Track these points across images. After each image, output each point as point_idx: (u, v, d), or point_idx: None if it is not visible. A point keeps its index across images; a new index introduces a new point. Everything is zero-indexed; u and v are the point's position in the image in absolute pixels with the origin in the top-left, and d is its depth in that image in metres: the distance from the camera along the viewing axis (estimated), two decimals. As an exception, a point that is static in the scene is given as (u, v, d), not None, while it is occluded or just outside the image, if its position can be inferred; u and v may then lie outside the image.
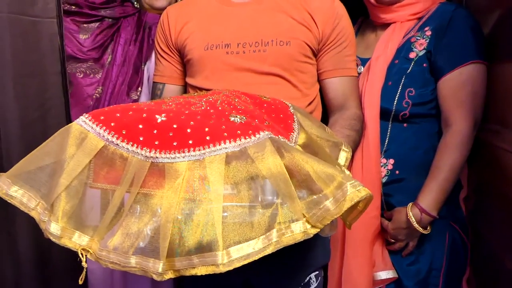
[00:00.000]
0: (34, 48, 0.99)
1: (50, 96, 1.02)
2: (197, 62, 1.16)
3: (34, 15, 0.97)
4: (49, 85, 1.02)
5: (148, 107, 0.74)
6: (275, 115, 0.91)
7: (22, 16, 0.95)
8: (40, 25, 0.99)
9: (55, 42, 1.01)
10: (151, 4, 1.68)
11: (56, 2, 1.00)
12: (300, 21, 1.13)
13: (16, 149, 0.98)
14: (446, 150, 1.13)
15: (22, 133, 0.99)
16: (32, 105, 1.00)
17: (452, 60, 1.14)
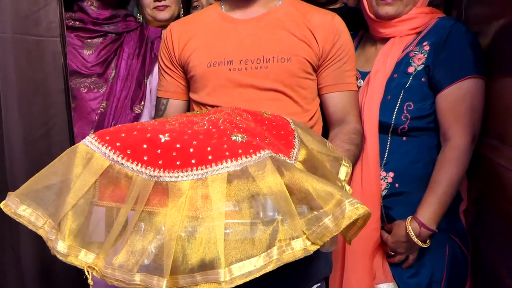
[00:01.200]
0: (38, 66, 1.01)
1: (53, 114, 1.04)
2: (200, 79, 1.18)
3: (38, 35, 1.00)
4: (53, 103, 1.03)
5: (152, 127, 0.76)
6: (276, 131, 0.93)
7: (26, 36, 0.97)
8: (44, 44, 1.01)
9: (58, 60, 1.03)
10: (154, 17, 1.72)
11: (59, 21, 1.02)
12: (301, 38, 1.15)
13: (21, 166, 1.00)
14: (445, 164, 1.14)
15: (27, 150, 1.01)
16: (36, 122, 1.02)
17: (450, 75, 1.16)
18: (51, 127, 1.04)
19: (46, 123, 1.03)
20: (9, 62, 0.96)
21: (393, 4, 1.21)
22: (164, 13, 1.70)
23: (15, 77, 0.98)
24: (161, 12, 1.69)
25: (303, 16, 1.18)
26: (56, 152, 1.05)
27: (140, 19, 1.78)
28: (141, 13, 1.77)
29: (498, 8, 1.16)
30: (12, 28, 0.95)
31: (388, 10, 1.22)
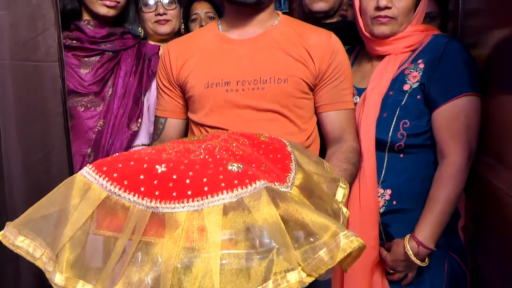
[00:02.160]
0: (36, 91, 1.02)
1: (52, 136, 1.04)
2: (198, 99, 1.19)
3: (36, 60, 1.00)
4: (51, 126, 1.04)
5: (149, 157, 0.76)
6: (273, 155, 0.94)
7: (25, 62, 0.98)
8: (43, 69, 1.02)
9: (57, 84, 1.03)
10: (155, 31, 1.73)
11: (58, 46, 1.03)
12: (297, 58, 1.16)
13: (20, 190, 1.01)
14: (441, 182, 1.15)
15: (26, 173, 1.02)
16: (35, 145, 1.02)
17: (446, 93, 1.16)
18: (50, 149, 1.04)
19: (45, 146, 1.04)
20: (8, 88, 0.97)
21: (388, 24, 1.22)
22: (165, 27, 1.72)
23: (14, 102, 0.99)
24: (162, 26, 1.71)
25: (299, 36, 1.19)
26: (55, 175, 1.07)
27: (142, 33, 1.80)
28: (142, 27, 1.79)
29: (494, 20, 1.16)
30: (10, 55, 0.96)
31: (383, 30, 1.23)
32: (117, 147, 1.42)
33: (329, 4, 1.70)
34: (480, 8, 1.31)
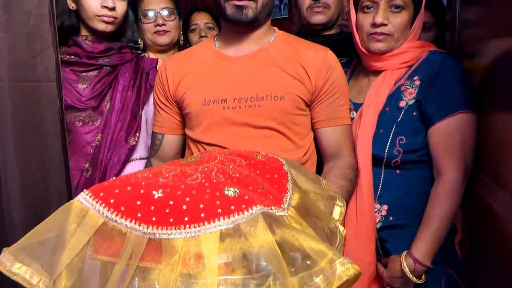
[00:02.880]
0: (34, 111, 1.02)
1: (50, 156, 1.05)
2: (195, 117, 1.19)
3: (34, 80, 1.01)
4: (49, 145, 1.05)
5: (146, 182, 0.77)
6: (270, 175, 0.94)
7: (22, 83, 0.99)
8: (41, 89, 1.02)
9: (55, 104, 1.04)
10: (154, 41, 1.75)
11: (55, 66, 1.03)
12: (294, 75, 1.16)
13: (18, 210, 1.01)
14: (437, 199, 1.15)
15: (24, 193, 1.02)
16: (33, 165, 1.03)
17: (441, 110, 1.17)
18: (48, 168, 1.05)
19: (43, 165, 1.04)
20: (6, 109, 0.98)
21: (384, 41, 1.23)
22: (164, 38, 1.74)
23: (12, 122, 0.99)
24: (161, 37, 1.73)
25: (295, 53, 1.19)
26: (53, 194, 1.08)
27: (141, 44, 1.81)
28: (141, 38, 1.80)
29: (491, 31, 1.17)
30: (9, 76, 0.97)
31: (379, 46, 1.24)
32: (115, 161, 1.42)
33: (327, 17, 1.71)
34: (477, 19, 1.32)
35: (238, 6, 1.10)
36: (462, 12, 1.46)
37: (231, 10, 1.11)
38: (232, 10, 1.11)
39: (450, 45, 1.57)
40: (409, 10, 1.23)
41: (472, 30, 1.37)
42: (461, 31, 1.48)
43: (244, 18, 1.11)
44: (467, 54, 1.39)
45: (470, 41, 1.38)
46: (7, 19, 0.96)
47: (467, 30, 1.42)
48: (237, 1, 1.09)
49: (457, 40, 1.52)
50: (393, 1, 1.21)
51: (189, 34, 2.25)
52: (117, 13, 1.41)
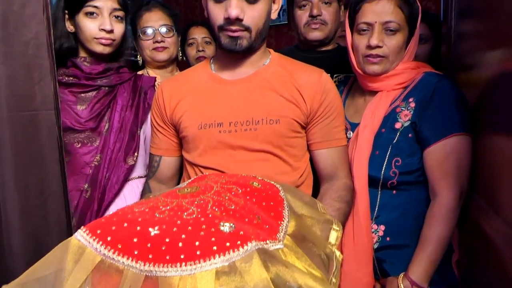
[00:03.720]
0: (33, 139, 1.03)
1: (49, 183, 1.06)
2: (191, 140, 1.20)
3: (33, 109, 1.02)
4: (48, 173, 1.06)
5: (142, 218, 0.78)
6: (266, 203, 0.95)
7: (21, 112, 1.00)
8: (39, 117, 1.03)
9: (53, 132, 1.05)
10: (153, 58, 1.77)
11: (53, 95, 1.04)
12: (289, 99, 1.17)
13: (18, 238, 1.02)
14: (433, 221, 1.16)
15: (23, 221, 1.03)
16: (32, 193, 1.04)
17: (436, 132, 1.18)
18: (47, 196, 1.06)
19: (42, 192, 1.05)
20: (5, 139, 0.99)
21: (380, 63, 1.24)
22: (163, 54, 1.76)
23: (11, 151, 1.00)
24: (159, 53, 1.75)
25: (290, 75, 1.20)
26: (52, 221, 1.09)
27: (140, 60, 1.83)
28: (140, 54, 1.81)
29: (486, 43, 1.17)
30: (7, 107, 0.98)
31: (375, 69, 1.25)
32: (114, 181, 1.43)
33: (324, 33, 1.72)
34: (472, 31, 1.33)
35: (233, 36, 1.10)
36: (458, 25, 1.48)
37: (225, 40, 1.12)
38: (226, 40, 1.12)
39: (446, 57, 1.58)
40: (404, 32, 1.24)
41: (468, 43, 1.38)
42: (457, 44, 1.49)
43: (239, 48, 1.12)
44: (462, 67, 1.41)
45: (465, 54, 1.39)
46: (5, 50, 0.97)
47: (463, 43, 1.43)
48: (231, 32, 1.10)
49: (452, 52, 1.53)
50: (388, 23, 1.22)
51: (186, 48, 2.27)
52: (115, 35, 1.42)
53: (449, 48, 1.56)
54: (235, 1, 1.06)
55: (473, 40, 1.32)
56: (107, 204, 1.42)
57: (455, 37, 1.51)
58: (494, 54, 1.09)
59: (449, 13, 1.52)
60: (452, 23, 1.52)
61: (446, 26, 1.57)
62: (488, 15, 1.15)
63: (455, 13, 1.51)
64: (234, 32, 1.10)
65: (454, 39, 1.51)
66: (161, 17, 1.78)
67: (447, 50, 1.59)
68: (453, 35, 1.53)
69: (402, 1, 1.22)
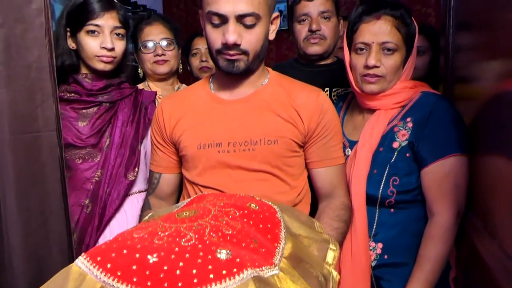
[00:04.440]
0: (35, 160, 1.05)
1: (50, 203, 1.08)
2: (191, 159, 1.22)
3: (35, 131, 1.04)
4: (49, 193, 1.08)
5: (141, 244, 0.79)
6: (263, 225, 0.97)
7: (23, 134, 1.02)
8: (41, 139, 1.05)
9: (55, 152, 1.07)
10: (153, 71, 1.79)
11: (55, 116, 1.06)
12: (287, 119, 1.19)
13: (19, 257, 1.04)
14: (430, 241, 1.17)
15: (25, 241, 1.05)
16: (34, 213, 1.05)
17: (434, 152, 1.19)
18: (48, 215, 1.08)
19: (43, 212, 1.07)
20: (7, 160, 1.00)
21: (377, 83, 1.26)
22: (163, 67, 1.78)
23: (13, 173, 1.02)
24: (160, 66, 1.78)
25: (288, 95, 1.22)
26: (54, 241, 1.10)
27: (141, 73, 1.85)
28: (141, 67, 1.84)
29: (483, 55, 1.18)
30: (10, 130, 1.00)
31: (372, 88, 1.26)
32: (114, 197, 1.45)
33: (323, 48, 1.74)
34: (470, 44, 1.33)
35: (230, 59, 1.12)
36: (455, 37, 1.48)
37: (223, 63, 1.13)
38: (224, 63, 1.13)
39: (444, 70, 1.59)
40: (401, 51, 1.26)
41: (465, 55, 1.39)
42: (455, 56, 1.50)
43: (236, 70, 1.13)
44: (460, 79, 1.41)
45: (463, 66, 1.40)
46: (8, 74, 0.99)
47: (460, 55, 1.44)
48: (228, 56, 1.11)
49: (450, 65, 1.54)
50: (385, 44, 1.23)
51: (190, 58, 2.30)
52: (116, 53, 1.44)
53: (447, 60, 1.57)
54: (233, 26, 1.07)
55: (470, 52, 1.33)
56: (107, 220, 1.44)
57: (453, 49, 1.52)
58: (491, 67, 1.10)
59: (447, 25, 1.53)
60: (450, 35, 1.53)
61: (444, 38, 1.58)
62: (485, 28, 1.16)
63: (453, 25, 1.52)
64: (232, 56, 1.11)
65: (452, 52, 1.52)
66: (162, 30, 1.81)
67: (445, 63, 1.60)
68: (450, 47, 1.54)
69: (399, 21, 1.24)
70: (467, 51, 1.37)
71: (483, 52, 1.18)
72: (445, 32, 1.56)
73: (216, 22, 1.09)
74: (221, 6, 1.06)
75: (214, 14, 1.08)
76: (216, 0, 1.06)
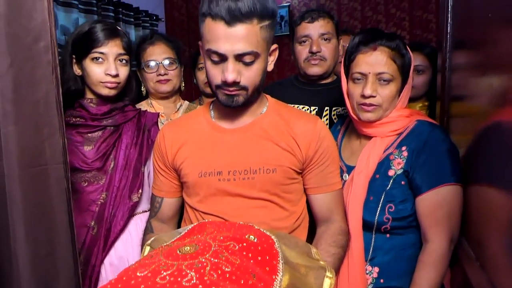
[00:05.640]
0: (42, 192, 1.08)
1: (57, 233, 1.11)
2: (192, 186, 1.26)
3: (43, 164, 1.07)
4: (57, 223, 1.11)
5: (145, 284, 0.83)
6: (262, 257, 1.01)
7: (31, 168, 1.06)
8: (49, 171, 1.09)
9: (62, 184, 1.11)
10: (156, 89, 1.83)
11: (62, 149, 1.10)
12: (285, 148, 1.22)
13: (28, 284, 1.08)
14: (424, 268, 1.21)
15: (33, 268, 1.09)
16: (42, 242, 1.09)
17: (428, 181, 1.23)
18: (55, 245, 1.11)
19: (50, 242, 1.11)
20: (16, 195, 1.04)
21: (373, 111, 1.29)
22: (166, 86, 1.82)
23: (22, 205, 1.05)
24: (163, 86, 1.82)
25: (286, 124, 1.25)
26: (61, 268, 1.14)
27: (144, 91, 1.89)
28: (144, 86, 1.88)
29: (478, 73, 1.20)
30: (18, 165, 1.03)
31: (369, 117, 1.30)
32: (119, 218, 1.49)
33: (323, 69, 1.78)
34: (466, 63, 1.36)
35: (229, 94, 1.15)
36: (452, 56, 1.51)
37: (222, 97, 1.16)
38: (223, 97, 1.16)
39: (442, 88, 1.62)
40: (397, 81, 1.29)
41: (461, 74, 1.42)
42: (451, 75, 1.53)
43: (235, 104, 1.16)
44: (456, 97, 1.44)
45: (459, 85, 1.42)
46: (17, 112, 1.02)
47: (457, 74, 1.46)
48: (227, 91, 1.15)
49: (447, 83, 1.57)
50: (381, 74, 1.27)
51: (196, 71, 2.34)
52: (120, 79, 1.48)
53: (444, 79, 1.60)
54: (232, 65, 1.10)
55: (466, 71, 1.35)
56: (112, 240, 1.49)
57: (450, 68, 1.55)
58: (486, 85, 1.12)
59: (444, 44, 1.56)
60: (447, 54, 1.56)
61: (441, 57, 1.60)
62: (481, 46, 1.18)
63: (449, 44, 1.55)
64: (231, 91, 1.14)
65: (449, 70, 1.55)
66: (164, 50, 1.84)
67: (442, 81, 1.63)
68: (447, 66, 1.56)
69: (395, 52, 1.27)
70: (463, 69, 1.40)
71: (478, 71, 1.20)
72: (442, 50, 1.58)
73: (216, 59, 1.12)
74: (220, 45, 1.09)
75: (213, 52, 1.11)
76: (216, 39, 1.09)
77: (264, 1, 1.11)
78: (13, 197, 1.05)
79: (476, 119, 1.21)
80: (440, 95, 1.65)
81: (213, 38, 1.10)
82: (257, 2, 1.09)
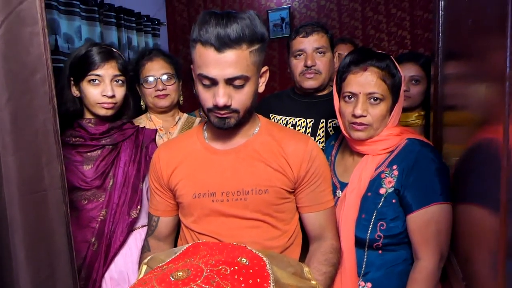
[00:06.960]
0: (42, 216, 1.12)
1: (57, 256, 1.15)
2: (187, 207, 1.29)
3: (42, 190, 1.11)
4: (57, 246, 1.15)
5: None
6: (253, 280, 1.04)
7: (31, 194, 1.10)
8: (48, 196, 1.12)
9: (61, 209, 1.14)
10: (155, 104, 1.87)
11: (60, 175, 1.14)
12: (276, 168, 1.25)
13: (30, 307, 1.13)
14: (414, 284, 1.24)
15: (35, 291, 1.14)
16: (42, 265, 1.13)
17: (418, 200, 1.25)
18: (55, 267, 1.15)
19: (50, 264, 1.15)
20: (17, 220, 1.08)
21: (364, 130, 1.32)
22: (164, 101, 1.86)
23: (22, 230, 1.09)
24: (161, 100, 1.85)
25: (278, 144, 1.28)
26: (60, 289, 1.19)
27: (143, 105, 1.93)
28: (143, 100, 1.91)
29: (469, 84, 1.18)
30: (18, 191, 1.07)
31: (360, 135, 1.32)
32: (119, 234, 1.53)
33: (319, 82, 1.80)
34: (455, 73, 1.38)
35: (221, 117, 1.18)
36: (443, 66, 1.53)
37: (214, 119, 1.19)
38: (215, 120, 1.19)
39: (434, 98, 1.63)
40: (387, 101, 1.31)
41: (452, 84, 1.43)
42: (443, 85, 1.54)
43: (227, 126, 1.19)
44: (448, 107, 1.46)
45: (451, 94, 1.44)
46: (16, 142, 1.06)
47: (448, 84, 1.48)
48: (219, 114, 1.17)
49: (440, 93, 1.58)
50: (371, 94, 1.29)
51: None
52: (117, 99, 1.51)
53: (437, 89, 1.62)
54: (222, 90, 1.13)
55: (456, 81, 1.37)
56: (112, 255, 1.53)
57: (442, 78, 1.57)
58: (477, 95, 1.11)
59: (436, 54, 1.57)
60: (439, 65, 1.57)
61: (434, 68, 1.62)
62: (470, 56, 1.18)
63: (441, 55, 1.56)
64: (223, 114, 1.17)
65: (441, 80, 1.57)
66: (162, 65, 1.87)
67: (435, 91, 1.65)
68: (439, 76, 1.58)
69: (385, 72, 1.29)
70: (453, 80, 1.41)
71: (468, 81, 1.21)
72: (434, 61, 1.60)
73: (207, 83, 1.15)
74: (211, 70, 1.12)
75: (204, 77, 1.14)
76: (206, 64, 1.12)
77: (253, 26, 1.13)
78: (14, 221, 1.09)
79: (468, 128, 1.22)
80: (433, 105, 1.67)
81: (204, 64, 1.13)
82: (246, 28, 1.12)
